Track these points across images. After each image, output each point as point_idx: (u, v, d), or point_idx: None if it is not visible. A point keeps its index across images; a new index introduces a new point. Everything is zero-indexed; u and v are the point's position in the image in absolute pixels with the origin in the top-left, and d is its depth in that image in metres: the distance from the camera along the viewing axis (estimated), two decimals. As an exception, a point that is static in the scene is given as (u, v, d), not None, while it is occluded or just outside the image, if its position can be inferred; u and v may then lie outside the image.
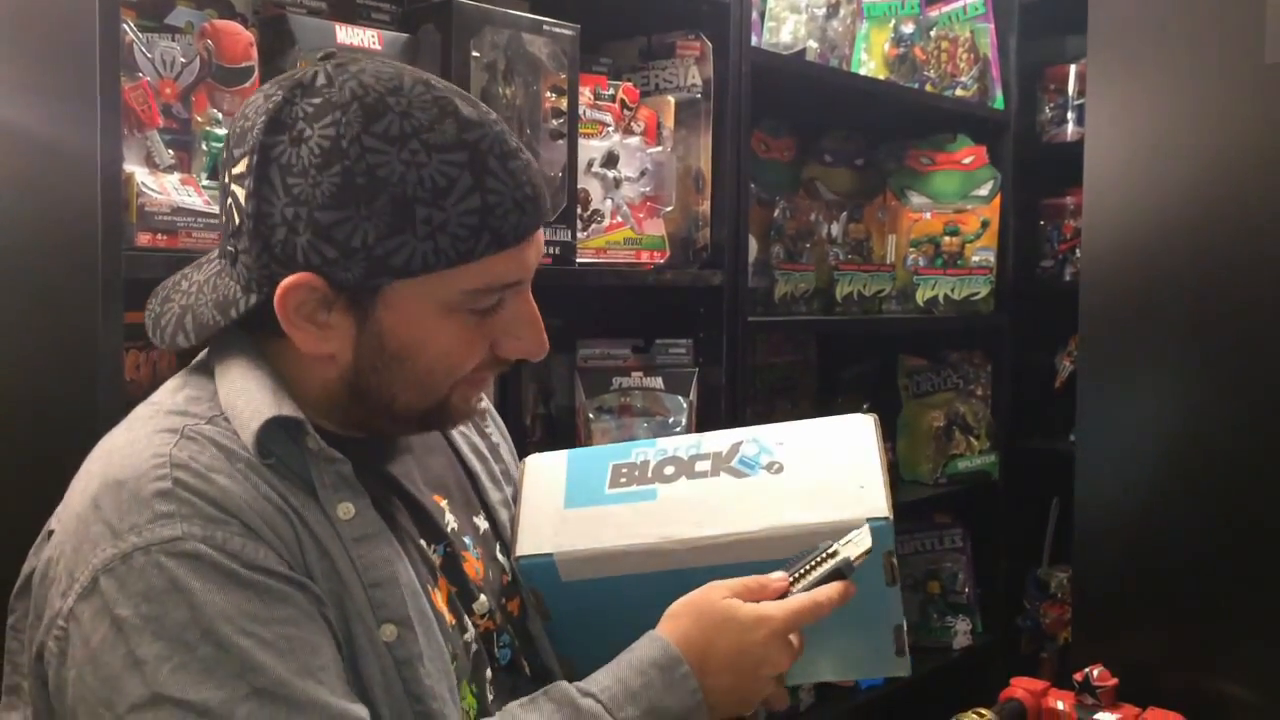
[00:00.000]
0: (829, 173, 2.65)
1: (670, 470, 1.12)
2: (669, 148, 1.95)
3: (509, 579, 1.12)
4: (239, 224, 0.93)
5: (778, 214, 2.31)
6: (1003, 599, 2.79)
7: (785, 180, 2.55)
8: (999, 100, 2.72)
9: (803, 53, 2.33)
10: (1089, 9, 2.17)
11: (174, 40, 1.34)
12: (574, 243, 1.74)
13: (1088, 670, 2.09)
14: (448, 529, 1.06)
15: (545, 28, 1.69)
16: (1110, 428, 2.16)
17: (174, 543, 0.85)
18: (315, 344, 0.94)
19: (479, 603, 1.06)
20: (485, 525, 1.13)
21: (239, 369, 0.96)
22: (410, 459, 1.07)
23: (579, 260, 1.76)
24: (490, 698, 1.04)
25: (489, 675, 1.05)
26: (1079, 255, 2.38)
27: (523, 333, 0.99)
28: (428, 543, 1.03)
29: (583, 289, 1.86)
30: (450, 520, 1.07)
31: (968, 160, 2.72)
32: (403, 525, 1.01)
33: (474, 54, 1.59)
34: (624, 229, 1.85)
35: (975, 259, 2.64)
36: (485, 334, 0.97)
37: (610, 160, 1.84)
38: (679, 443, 1.15)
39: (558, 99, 1.72)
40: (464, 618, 1.03)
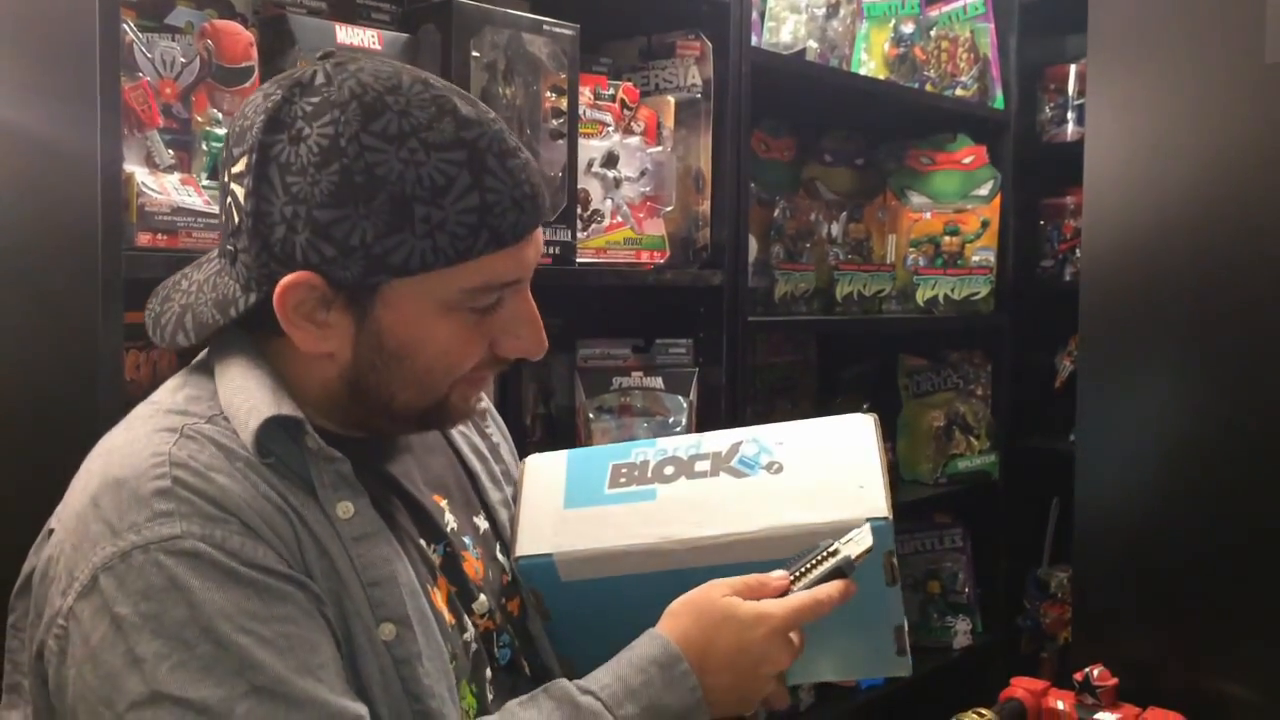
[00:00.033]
0: (829, 172, 2.65)
1: (670, 470, 1.11)
2: (669, 148, 1.95)
3: (509, 579, 1.12)
4: (238, 223, 0.93)
5: (778, 214, 2.31)
6: (1003, 599, 2.79)
7: (785, 180, 2.55)
8: (999, 100, 2.72)
9: (803, 53, 2.33)
10: (1089, 9, 2.17)
11: (174, 40, 1.34)
12: (574, 243, 1.74)
13: (1088, 670, 2.09)
14: (447, 529, 1.06)
15: (545, 28, 1.69)
16: (1110, 428, 2.16)
17: (173, 541, 0.85)
18: (314, 343, 0.94)
19: (479, 602, 1.06)
20: (485, 525, 1.13)
21: (238, 368, 0.96)
22: (410, 459, 1.07)
23: (579, 260, 1.76)
24: (490, 697, 1.04)
25: (489, 675, 1.05)
26: (1079, 255, 2.38)
27: (522, 331, 0.99)
28: (427, 542, 1.03)
29: (583, 289, 1.85)
30: (450, 520, 1.07)
31: (968, 160, 2.71)
32: (402, 525, 1.01)
33: (474, 54, 1.59)
34: (624, 229, 1.85)
35: (975, 259, 2.64)
36: (484, 333, 0.97)
37: (610, 160, 1.84)
38: (679, 443, 1.15)
39: (558, 99, 1.72)
40: (463, 617, 1.03)
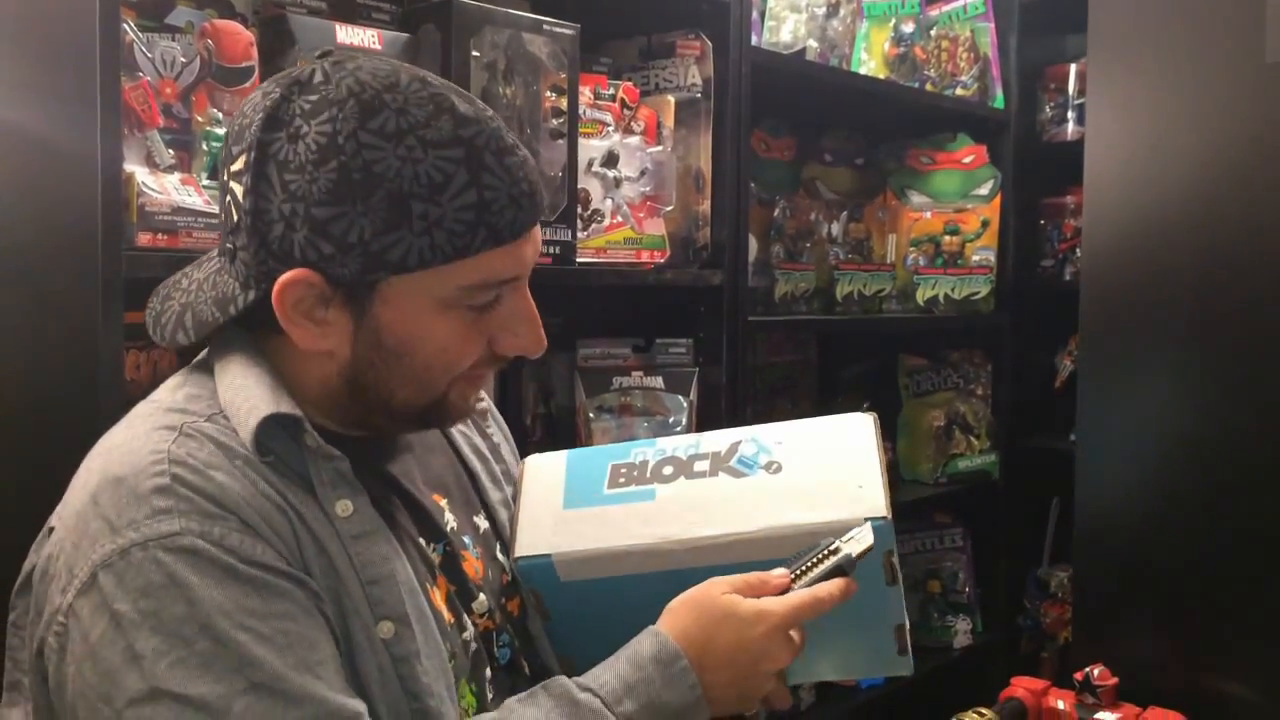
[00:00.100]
0: (829, 172, 2.65)
1: (669, 470, 1.11)
2: (669, 147, 1.95)
3: (509, 579, 1.12)
4: (237, 221, 0.93)
5: (778, 213, 2.31)
6: (1003, 598, 2.79)
7: (785, 180, 2.55)
8: (999, 99, 2.72)
9: (803, 52, 2.33)
10: (1089, 8, 2.17)
11: (174, 40, 1.34)
12: (574, 242, 1.74)
13: (1088, 669, 2.09)
14: (447, 528, 1.06)
15: (545, 27, 1.69)
16: (1110, 427, 2.16)
17: (172, 538, 0.85)
18: (313, 340, 0.94)
19: (478, 602, 1.06)
20: (485, 525, 1.13)
21: (238, 366, 0.96)
22: (410, 458, 1.07)
23: (579, 260, 1.76)
24: (490, 696, 1.04)
25: (488, 674, 1.05)
26: (1079, 254, 2.38)
27: (520, 329, 0.99)
28: (427, 541, 1.03)
29: (583, 288, 1.85)
30: (450, 519, 1.07)
31: (968, 160, 2.71)
32: (401, 524, 1.01)
33: (474, 54, 1.59)
34: (624, 228, 1.85)
35: (975, 258, 2.64)
36: (483, 330, 0.97)
37: (610, 160, 1.84)
38: (678, 442, 1.15)
39: (558, 98, 1.72)
40: (463, 616, 1.04)
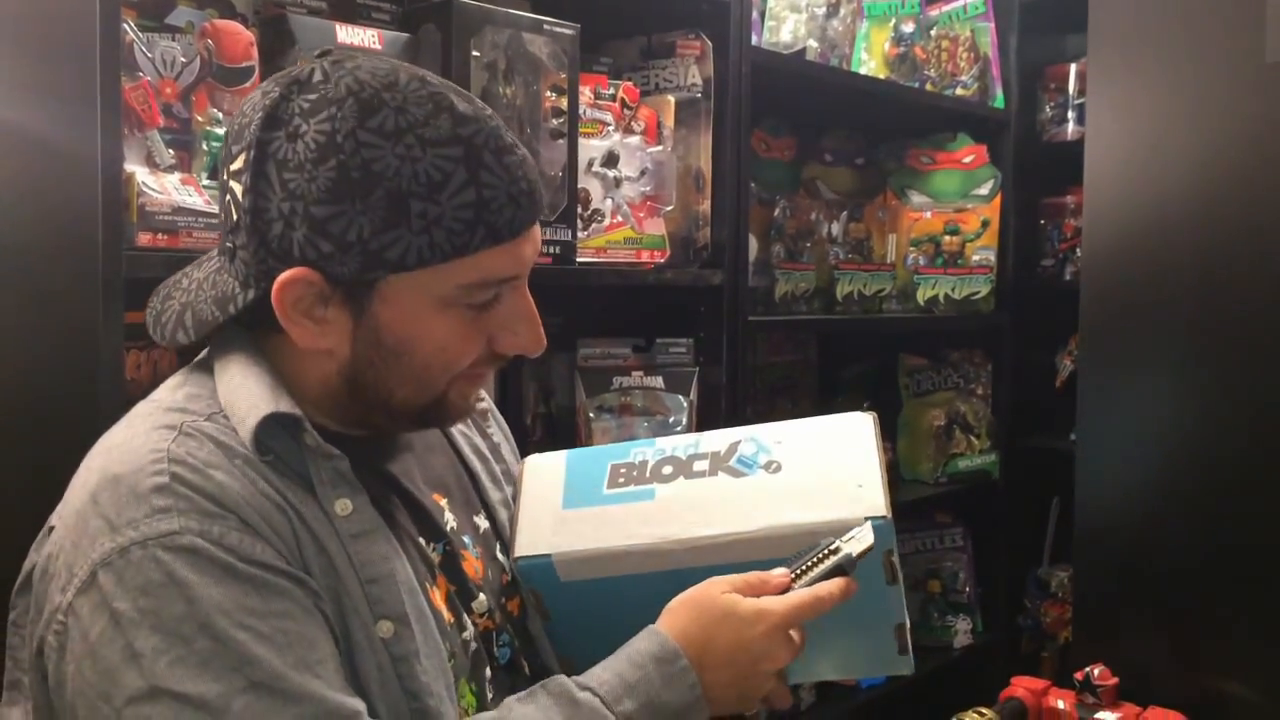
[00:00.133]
0: (829, 172, 2.65)
1: (668, 470, 1.11)
2: (669, 147, 1.95)
3: (509, 578, 1.12)
4: (236, 220, 0.93)
5: (778, 213, 2.31)
6: (1003, 598, 2.79)
7: (785, 179, 2.55)
8: (999, 99, 2.72)
9: (803, 52, 2.33)
10: (1089, 8, 2.17)
11: (174, 40, 1.34)
12: (574, 242, 1.74)
13: (1088, 669, 2.09)
14: (447, 528, 1.06)
15: (545, 27, 1.69)
16: (1110, 427, 2.16)
17: (171, 537, 0.85)
18: (313, 339, 0.94)
19: (478, 601, 1.06)
20: (485, 525, 1.13)
21: (238, 366, 0.96)
22: (411, 457, 1.07)
23: (579, 260, 1.76)
24: (490, 696, 1.04)
25: (488, 674, 1.05)
26: (1079, 254, 2.38)
27: (519, 328, 0.99)
28: (426, 541, 1.03)
29: (583, 288, 1.85)
30: (450, 519, 1.07)
31: (968, 159, 2.71)
32: (401, 523, 1.01)
33: (474, 53, 1.59)
34: (624, 228, 1.85)
35: (975, 258, 2.64)
36: (482, 329, 0.97)
37: (610, 160, 1.84)
38: (677, 442, 1.15)
39: (558, 98, 1.72)
40: (463, 616, 1.04)
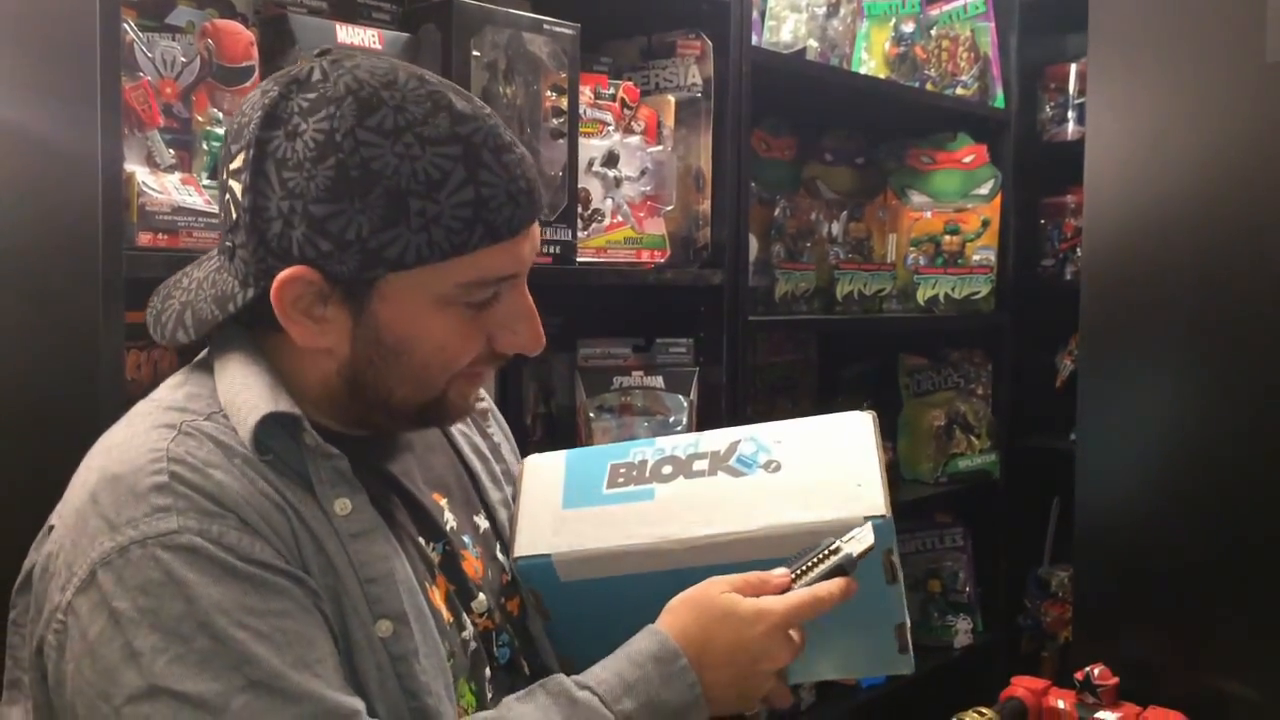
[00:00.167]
0: (829, 172, 2.65)
1: (668, 470, 1.11)
2: (669, 147, 1.95)
3: (509, 578, 1.12)
4: (236, 219, 0.93)
5: (778, 213, 2.31)
6: (1003, 598, 2.79)
7: (786, 179, 2.55)
8: (999, 99, 2.72)
9: (803, 52, 2.33)
10: (1089, 8, 2.17)
11: (174, 40, 1.34)
12: (574, 242, 1.74)
13: (1088, 669, 2.09)
14: (447, 527, 1.06)
15: (546, 27, 1.69)
16: (1111, 427, 2.16)
17: (170, 536, 0.85)
18: (312, 338, 0.95)
19: (477, 601, 1.06)
20: (485, 524, 1.13)
21: (237, 365, 0.96)
22: (411, 457, 1.07)
23: (579, 259, 1.76)
24: (489, 696, 1.04)
25: (488, 674, 1.05)
26: (1079, 254, 2.38)
27: (519, 327, 0.99)
28: (426, 540, 1.03)
29: (583, 288, 1.85)
30: (450, 519, 1.07)
31: (968, 159, 2.71)
32: (401, 522, 1.01)
33: (474, 53, 1.59)
34: (624, 228, 1.85)
35: (976, 258, 2.64)
36: (481, 328, 0.97)
37: (611, 159, 1.84)
38: (677, 442, 1.15)
39: (558, 98, 1.72)
40: (462, 616, 1.04)
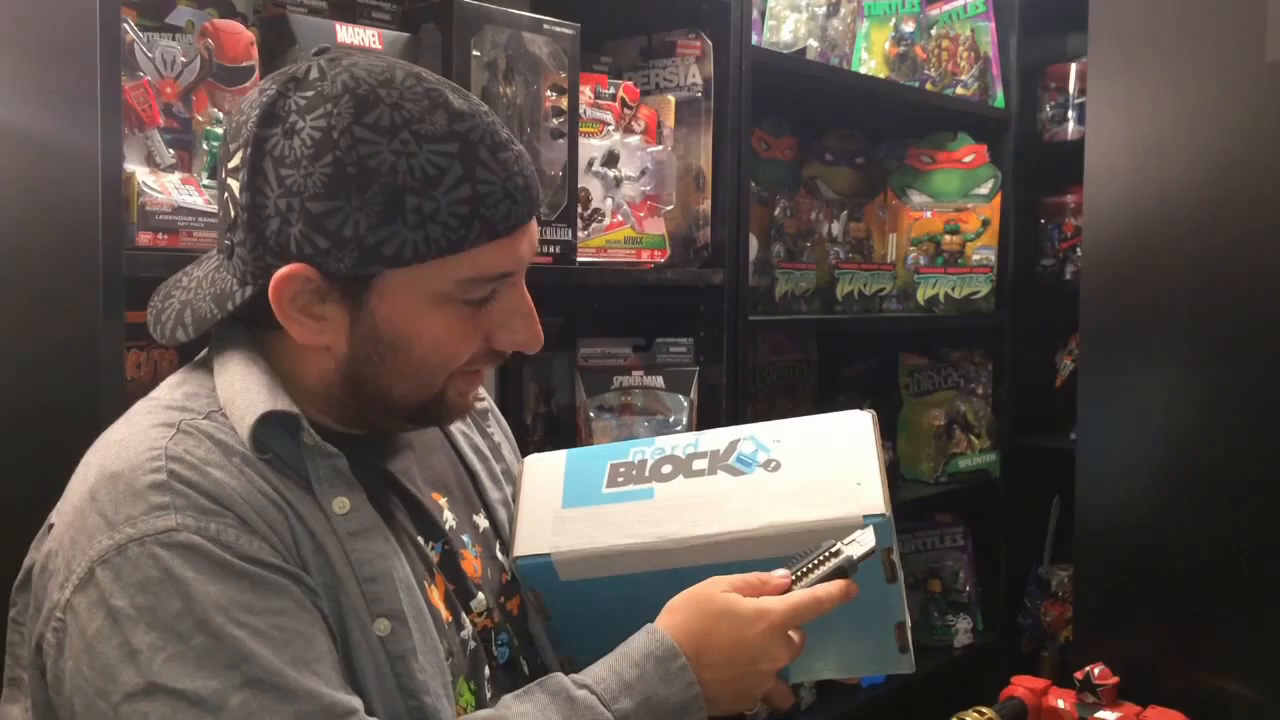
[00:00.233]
0: (829, 171, 2.65)
1: (668, 469, 1.11)
2: (669, 147, 1.95)
3: (508, 578, 1.12)
4: (234, 217, 0.94)
5: (778, 213, 2.31)
6: (1004, 597, 2.79)
7: (786, 179, 2.55)
8: (999, 99, 2.72)
9: (803, 51, 2.33)
10: (1090, 7, 2.17)
11: (175, 39, 1.35)
12: (574, 242, 1.74)
13: (1088, 669, 2.09)
14: (446, 526, 1.06)
15: (546, 26, 1.69)
16: (1111, 426, 2.16)
17: (168, 534, 0.86)
18: (310, 335, 0.95)
19: (477, 601, 1.06)
20: (485, 524, 1.13)
21: (236, 364, 0.96)
22: (410, 456, 1.07)
23: (579, 259, 1.76)
24: (489, 695, 1.04)
25: (487, 673, 1.05)
26: (1080, 254, 2.38)
27: (516, 324, 0.99)
28: (425, 540, 1.03)
29: (583, 288, 1.86)
30: (449, 518, 1.08)
31: (968, 159, 2.72)
32: (400, 522, 1.01)
33: (474, 53, 1.59)
34: (624, 228, 1.85)
35: (976, 258, 2.64)
36: (479, 325, 0.97)
37: (611, 159, 1.84)
38: (677, 441, 1.15)
39: (558, 98, 1.72)
40: (461, 615, 1.04)
